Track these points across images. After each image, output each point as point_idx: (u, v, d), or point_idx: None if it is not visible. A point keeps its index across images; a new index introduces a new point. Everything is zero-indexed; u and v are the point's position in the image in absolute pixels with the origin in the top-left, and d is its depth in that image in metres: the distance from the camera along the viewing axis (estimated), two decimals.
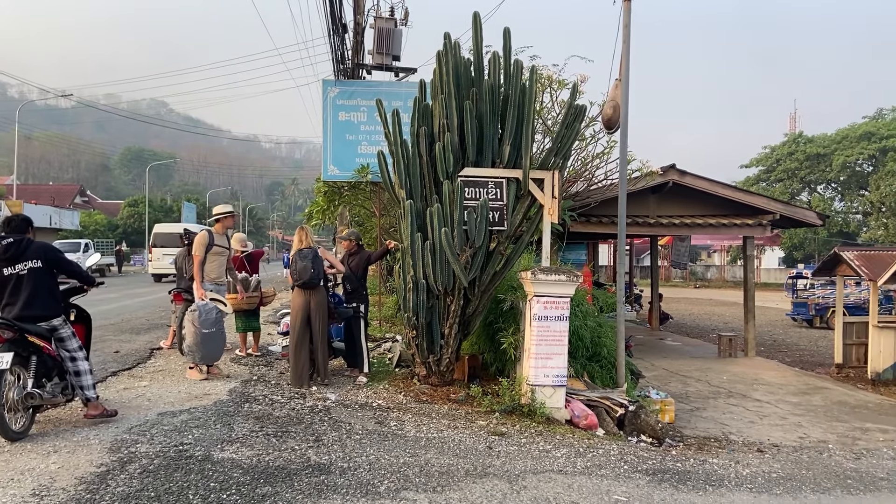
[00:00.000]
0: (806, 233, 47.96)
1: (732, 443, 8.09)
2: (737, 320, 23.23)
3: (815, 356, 16.23)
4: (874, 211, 47.83)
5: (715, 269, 60.91)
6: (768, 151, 53.45)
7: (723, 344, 15.18)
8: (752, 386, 11.76)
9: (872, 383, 12.49)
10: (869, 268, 12.97)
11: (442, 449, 6.33)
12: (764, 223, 14.50)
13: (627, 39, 8.74)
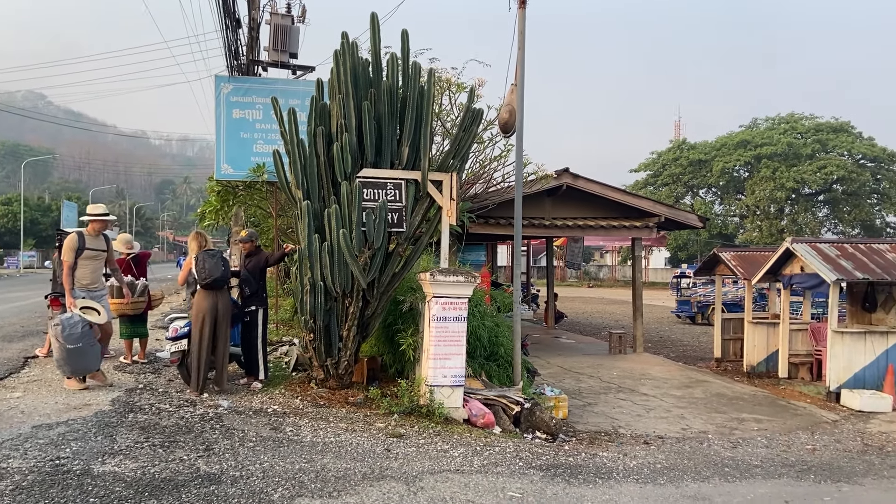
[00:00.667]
0: (689, 234, 50.81)
1: (621, 436, 8.44)
2: (627, 318, 24.29)
3: (698, 351, 17.20)
4: (750, 214, 51.31)
5: (607, 269, 63.46)
6: (655, 157, 56.24)
7: (613, 341, 15.82)
8: (640, 381, 12.32)
9: (748, 376, 13.36)
10: (744, 268, 13.88)
11: (339, 453, 6.25)
12: (650, 225, 15.24)
13: (522, 46, 8.95)
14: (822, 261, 11.24)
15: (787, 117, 52.49)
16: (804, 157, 47.91)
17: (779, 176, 47.54)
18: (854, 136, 49.87)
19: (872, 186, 49.23)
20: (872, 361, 10.94)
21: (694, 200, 55.29)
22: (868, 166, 48.96)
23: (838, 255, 11.46)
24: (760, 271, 12.96)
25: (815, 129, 50.35)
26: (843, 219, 49.79)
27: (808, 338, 12.98)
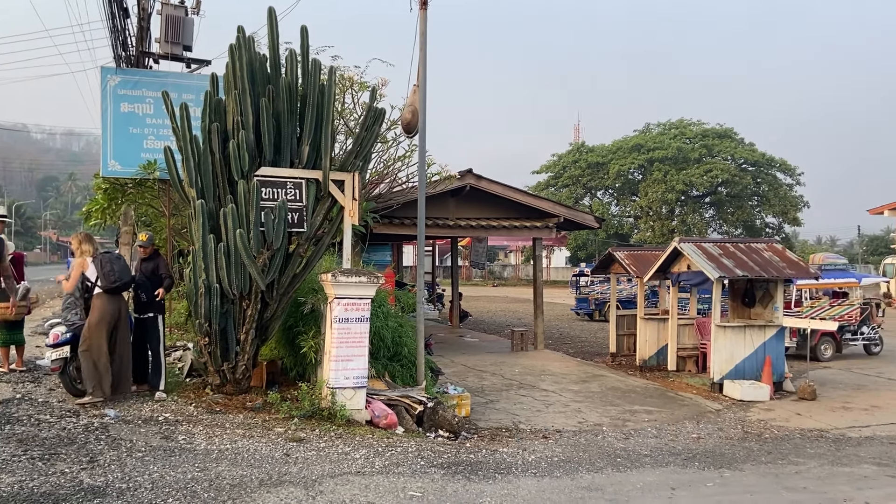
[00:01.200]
0: (588, 234, 52.56)
1: (521, 431, 8.63)
2: (530, 316, 24.82)
3: (595, 347, 17.81)
4: (643, 214, 53.68)
5: (511, 269, 64.76)
6: (556, 159, 57.84)
7: (515, 339, 16.16)
8: (541, 377, 12.64)
9: (640, 369, 13.96)
10: (637, 266, 14.50)
11: (235, 460, 6.06)
12: (550, 225, 15.66)
13: (424, 47, 8.99)
14: (707, 259, 11.89)
15: (677, 123, 55.22)
16: (692, 161, 50.57)
17: (669, 179, 49.95)
18: (737, 141, 53.09)
19: (753, 189, 52.56)
20: (752, 353, 11.67)
21: (592, 201, 57.25)
22: (749, 170, 52.24)
23: (721, 254, 12.16)
24: (651, 270, 13.57)
25: (702, 134, 53.23)
26: (727, 219, 52.90)
27: (694, 332, 13.70)
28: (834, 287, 18.04)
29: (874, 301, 17.55)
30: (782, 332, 12.09)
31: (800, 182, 53.00)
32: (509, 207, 15.57)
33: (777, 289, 12.04)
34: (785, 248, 13.01)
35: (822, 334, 15.39)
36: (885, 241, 61.36)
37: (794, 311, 15.99)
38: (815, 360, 15.01)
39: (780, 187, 52.38)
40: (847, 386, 12.36)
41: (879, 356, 16.00)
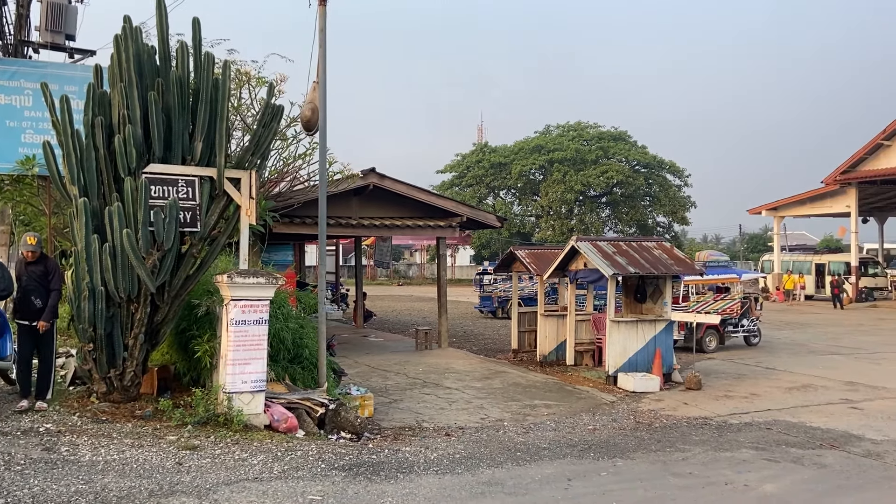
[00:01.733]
0: (491, 233, 53.44)
1: (424, 430, 8.67)
2: (434, 315, 24.99)
3: (498, 343, 18.13)
4: (544, 214, 55.14)
5: (416, 268, 64.93)
6: (459, 159, 58.50)
7: (419, 338, 16.21)
8: (444, 375, 12.74)
9: (541, 365, 14.33)
10: (537, 265, 14.87)
11: (123, 471, 5.77)
12: (454, 225, 15.81)
13: (324, 43, 8.86)
14: (602, 258, 12.35)
15: (575, 125, 57.05)
16: (590, 162, 52.41)
17: (568, 179, 51.56)
18: (630, 144, 55.45)
19: (646, 190, 55.05)
20: (643, 347, 12.22)
21: (496, 201, 58.26)
22: (642, 171, 54.68)
23: (615, 252, 12.65)
24: (551, 268, 13.95)
25: (598, 136, 55.27)
26: (622, 218, 55.18)
27: (591, 327, 14.20)
28: (717, 283, 19.15)
29: (753, 295, 18.76)
30: (671, 325, 12.72)
31: (687, 183, 55.93)
32: (413, 207, 15.60)
33: (666, 285, 12.65)
34: (673, 247, 13.70)
35: (707, 327, 16.30)
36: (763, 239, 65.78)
37: (681, 305, 16.85)
38: (701, 352, 15.88)
39: (670, 188, 55.10)
40: (729, 376, 13.14)
41: (758, 347, 17.10)
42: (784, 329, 21.23)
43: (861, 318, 25.54)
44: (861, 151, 32.07)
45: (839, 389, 11.63)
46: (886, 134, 30.81)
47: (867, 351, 16.46)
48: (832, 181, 33.58)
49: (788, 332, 20.39)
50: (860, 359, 15.21)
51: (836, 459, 7.50)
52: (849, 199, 33.49)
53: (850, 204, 33.56)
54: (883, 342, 18.17)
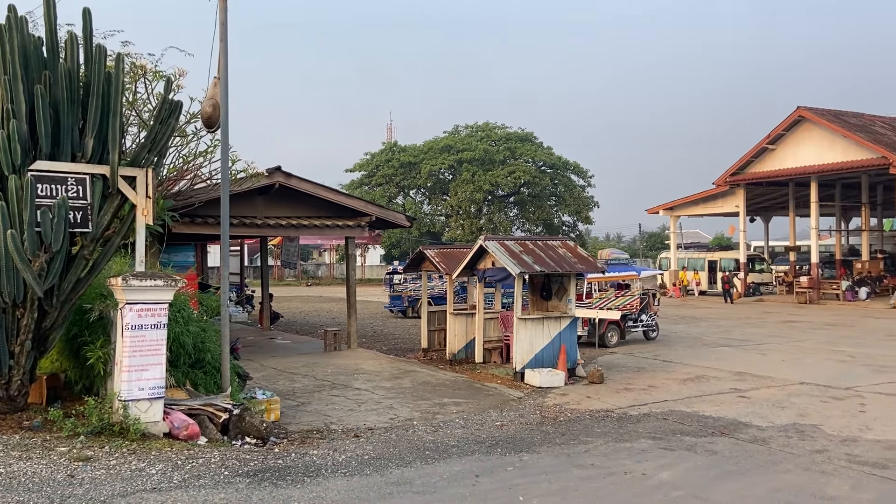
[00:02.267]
0: (402, 232, 53.44)
1: (333, 432, 8.58)
2: (344, 315, 24.74)
3: (408, 343, 18.16)
4: (454, 213, 55.64)
5: (325, 268, 64.07)
6: (369, 157, 58.18)
7: (328, 339, 16.02)
8: (354, 376, 12.65)
9: (450, 363, 14.45)
10: (446, 264, 14.99)
11: (10, 486, 5.42)
12: (363, 224, 15.71)
13: (225, 37, 8.60)
14: (509, 256, 12.59)
15: (483, 126, 57.89)
16: (498, 162, 53.32)
17: (477, 179, 52.26)
18: (537, 145, 56.81)
19: (551, 190, 56.55)
20: (549, 343, 12.55)
21: (405, 200, 58.30)
22: (548, 172, 56.12)
23: (522, 252, 12.93)
24: (459, 267, 14.09)
25: (506, 137, 56.32)
26: (530, 218, 56.46)
27: (499, 325, 14.45)
28: (618, 280, 19.90)
29: (651, 292, 19.63)
30: (575, 322, 13.12)
31: (591, 184, 57.83)
32: (322, 206, 15.39)
33: (570, 282, 13.04)
34: (577, 245, 14.14)
35: (609, 323, 16.92)
36: (661, 238, 68.86)
37: (585, 302, 17.41)
38: (604, 347, 16.47)
39: (575, 188, 56.82)
40: (629, 369, 13.69)
41: (656, 341, 17.90)
42: (680, 323, 22.32)
43: (749, 311, 27.18)
44: (748, 155, 34.13)
45: (729, 380, 12.32)
46: (771, 138, 32.91)
47: (754, 342, 17.53)
48: (723, 183, 35.55)
49: (684, 326, 21.44)
50: (748, 350, 16.19)
51: (725, 446, 7.95)
52: (737, 200, 35.55)
53: (738, 204, 35.62)
54: (768, 334, 19.41)
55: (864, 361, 14.20)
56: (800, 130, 32.21)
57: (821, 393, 11.04)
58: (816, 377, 12.38)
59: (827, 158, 30.98)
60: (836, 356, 15.02)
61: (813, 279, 32.06)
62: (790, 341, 17.69)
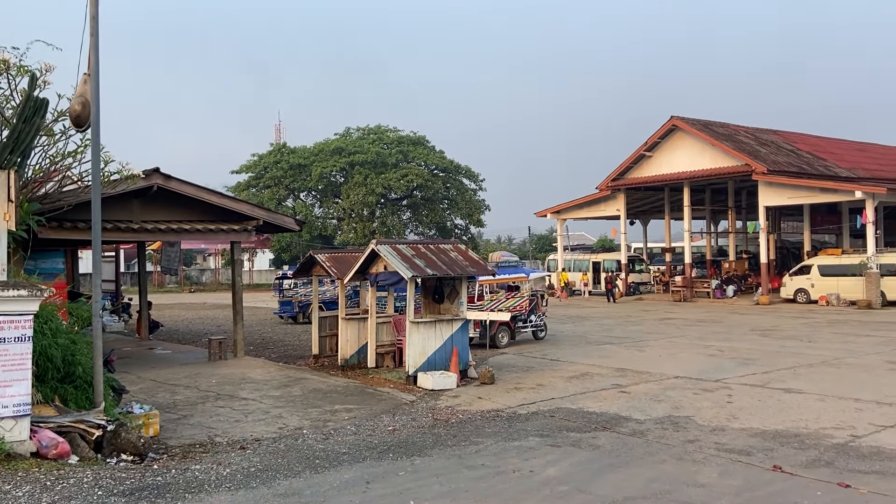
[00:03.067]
0: (292, 236, 52.31)
1: (217, 444, 8.26)
2: (230, 322, 23.89)
3: (299, 350, 17.78)
4: (346, 216, 55.08)
5: (210, 273, 61.68)
6: (257, 159, 56.58)
7: (213, 347, 15.42)
8: (240, 385, 12.24)
9: (342, 369, 14.27)
10: (338, 268, 14.80)
11: None
12: (249, 228, 15.24)
13: (95, 32, 8.09)
14: (401, 260, 12.60)
15: (375, 128, 57.71)
16: (390, 165, 53.30)
17: (370, 182, 52.00)
18: (429, 149, 57.26)
19: (444, 193, 57.16)
20: (441, 346, 12.65)
21: (295, 203, 57.14)
22: (440, 175, 56.69)
23: (413, 255, 12.97)
24: (351, 271, 13.95)
25: (398, 140, 56.39)
26: (423, 221, 56.80)
27: (392, 329, 14.42)
28: (508, 281, 20.37)
29: (540, 293, 20.23)
30: (467, 324, 13.30)
31: (482, 187, 58.93)
32: (205, 209, 14.80)
33: (462, 285, 13.21)
34: (468, 249, 14.35)
35: (500, 324, 17.27)
36: (549, 240, 71.15)
37: (476, 304, 17.70)
38: (495, 348, 16.79)
39: (467, 192, 57.69)
40: (519, 369, 14.03)
41: (545, 340, 18.45)
42: (567, 323, 23.12)
43: (629, 310, 28.55)
44: (627, 161, 35.89)
45: (611, 376, 12.88)
46: (648, 146, 34.76)
47: (634, 339, 18.43)
48: (605, 187, 37.20)
49: (570, 326, 22.24)
50: (629, 347, 16.99)
51: (608, 440, 8.30)
52: (619, 204, 37.31)
53: (619, 208, 37.39)
54: (647, 331, 20.46)
55: (730, 355, 15.24)
56: (674, 139, 34.23)
57: (693, 386, 11.75)
58: (689, 371, 13.16)
59: (698, 165, 33.10)
60: (707, 351, 16.04)
61: (686, 278, 34.13)
62: (666, 338, 18.73)
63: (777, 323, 22.10)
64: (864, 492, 6.30)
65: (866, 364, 13.71)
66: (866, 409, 9.76)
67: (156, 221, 14.06)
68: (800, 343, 17.14)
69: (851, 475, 6.79)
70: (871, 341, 17.12)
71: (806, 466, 7.13)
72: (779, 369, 13.20)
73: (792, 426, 8.85)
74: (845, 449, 7.77)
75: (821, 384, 11.68)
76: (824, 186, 29.98)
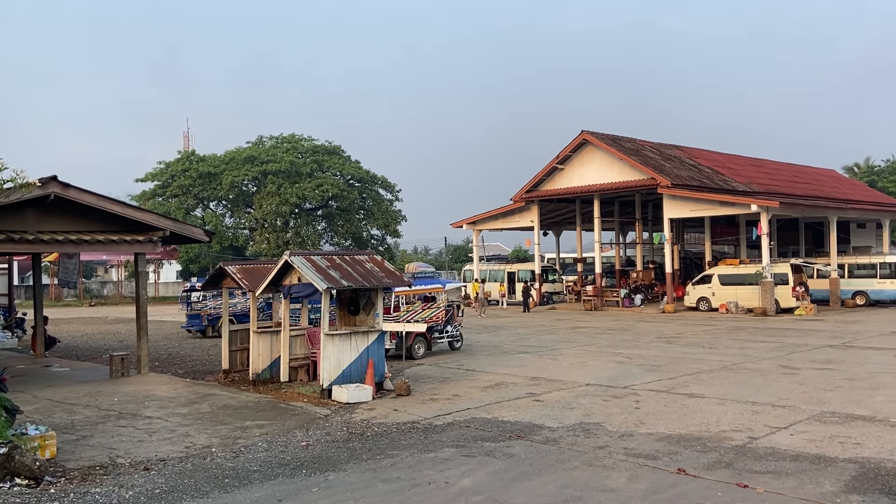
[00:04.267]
0: (201, 247, 50.62)
1: (119, 466, 7.86)
2: (134, 337, 22.81)
3: (208, 365, 17.18)
4: (259, 227, 53.77)
5: (113, 286, 58.86)
6: (163, 167, 54.55)
7: (115, 364, 14.69)
8: (144, 403, 11.71)
9: (254, 384, 13.88)
10: (249, 280, 14.41)
11: None
12: (155, 239, 14.64)
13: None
14: (316, 272, 12.39)
15: (289, 137, 56.75)
16: (304, 175, 52.49)
17: (283, 191, 51.03)
18: (345, 158, 56.79)
19: (360, 203, 56.78)
20: (357, 358, 12.51)
21: (205, 213, 55.41)
22: (356, 186, 56.30)
23: (328, 266, 12.79)
24: (264, 283, 13.61)
25: (313, 150, 55.66)
26: (338, 231, 56.18)
27: (306, 342, 14.15)
28: (424, 292, 20.42)
29: (456, 303, 20.37)
30: (383, 336, 13.22)
31: (399, 198, 58.93)
32: (107, 219, 14.12)
33: (378, 296, 13.12)
34: (384, 260, 14.28)
35: (416, 335, 17.26)
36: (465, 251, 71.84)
37: (392, 315, 17.64)
38: (411, 359, 16.76)
39: (383, 202, 57.56)
40: (435, 380, 14.05)
41: (461, 350, 18.57)
42: (482, 333, 23.36)
43: (543, 319, 29.17)
44: (541, 173, 36.74)
45: (525, 385, 13.10)
46: (560, 159, 35.71)
47: (548, 348, 18.82)
48: (519, 199, 37.92)
49: (486, 336, 22.48)
50: (542, 356, 17.33)
51: (522, 449, 8.42)
52: (532, 215, 38.10)
53: (533, 219, 38.19)
54: (560, 340, 20.94)
55: (638, 362, 15.80)
56: (585, 152, 35.31)
57: (603, 393, 12.10)
58: (600, 378, 13.55)
59: (607, 178, 34.26)
60: (616, 358, 16.57)
61: (597, 288, 35.18)
62: (578, 346, 19.23)
63: (681, 330, 23.09)
64: (761, 491, 6.64)
65: (762, 368, 14.50)
66: (762, 411, 10.31)
67: (53, 232, 13.31)
68: (702, 349, 17.96)
69: (749, 475, 7.14)
70: (767, 347, 18.14)
71: (708, 468, 7.46)
72: (683, 375, 13.78)
73: (695, 430, 9.24)
74: (743, 450, 8.17)
75: (721, 389, 12.27)
76: (723, 200, 31.63)
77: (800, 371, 13.98)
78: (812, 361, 15.30)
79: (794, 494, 6.52)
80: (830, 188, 43.84)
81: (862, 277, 32.47)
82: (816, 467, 7.39)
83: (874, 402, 10.74)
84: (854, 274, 32.78)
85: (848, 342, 18.79)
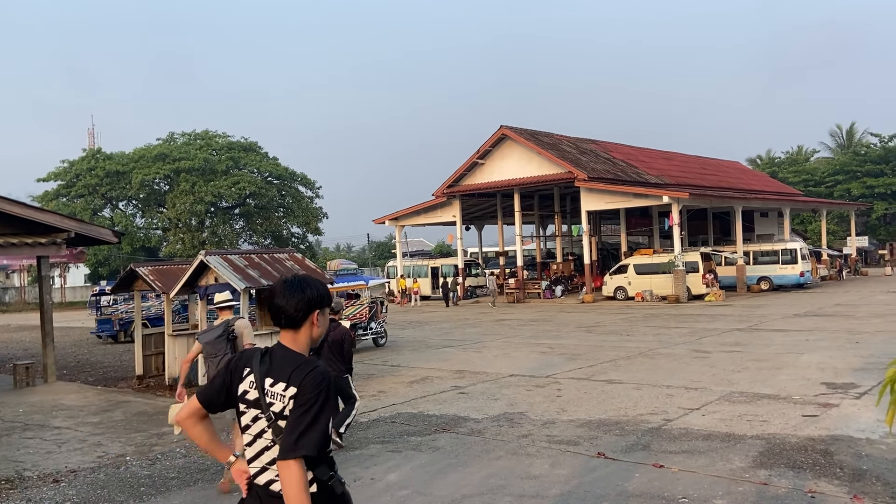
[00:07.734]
0: (111, 249, 48.45)
1: (26, 480, 7.44)
2: (39, 345, 21.63)
3: (120, 371, 16.47)
4: (172, 227, 51.92)
5: (15, 292, 55.62)
6: (67, 166, 51.90)
7: (19, 373, 13.90)
8: (52, 413, 11.12)
9: (171, 388, 13.39)
10: (163, 282, 13.89)
11: None
12: (59, 241, 13.88)
13: None
14: (233, 271, 12.07)
15: (203, 134, 55.02)
16: (220, 172, 51.02)
17: (198, 190, 49.44)
18: (262, 155, 55.54)
19: (279, 201, 55.68)
20: None
21: (114, 213, 53.13)
22: (275, 183, 55.17)
23: (247, 266, 12.48)
24: (178, 284, 13.15)
25: (228, 146, 54.15)
26: (257, 230, 54.94)
27: None
28: (348, 289, 20.23)
29: (380, 300, 20.28)
30: None
31: (319, 195, 58.14)
32: (5, 221, 13.28)
33: None
34: (305, 258, 14.05)
35: None
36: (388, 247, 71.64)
37: None
38: None
39: (303, 199, 56.66)
40: (360, 377, 13.90)
41: (386, 347, 18.51)
42: (407, 328, 23.36)
43: (467, 313, 29.42)
44: (461, 168, 37.03)
45: (451, 378, 13.17)
46: (480, 153, 36.08)
47: (472, 341, 18.99)
48: (441, 194, 38.10)
49: (410, 331, 22.48)
50: (467, 349, 17.48)
51: (447, 441, 8.46)
52: (454, 210, 38.36)
53: (455, 214, 38.46)
54: (483, 333, 21.17)
55: (559, 352, 16.16)
56: (504, 147, 35.81)
57: (526, 383, 12.31)
58: (523, 369, 13.78)
59: (526, 172, 34.87)
60: (539, 348, 16.89)
61: (519, 280, 35.78)
62: (502, 338, 19.50)
63: (600, 319, 23.78)
64: (676, 470, 6.92)
65: (676, 353, 15.10)
66: (676, 394, 10.74)
67: None
68: (619, 337, 18.55)
69: (665, 456, 7.43)
70: (680, 332, 18.91)
71: (626, 451, 7.70)
72: (602, 362, 14.19)
73: (613, 415, 9.53)
74: (659, 432, 8.49)
75: (638, 374, 12.70)
76: (637, 192, 32.74)
77: (710, 354, 14.64)
78: (721, 345, 16.04)
79: (707, 472, 6.82)
80: (736, 179, 46.14)
81: (766, 264, 34.30)
82: (726, 445, 7.75)
83: (778, 382, 11.35)
84: (759, 261, 34.58)
85: (754, 325, 19.82)
